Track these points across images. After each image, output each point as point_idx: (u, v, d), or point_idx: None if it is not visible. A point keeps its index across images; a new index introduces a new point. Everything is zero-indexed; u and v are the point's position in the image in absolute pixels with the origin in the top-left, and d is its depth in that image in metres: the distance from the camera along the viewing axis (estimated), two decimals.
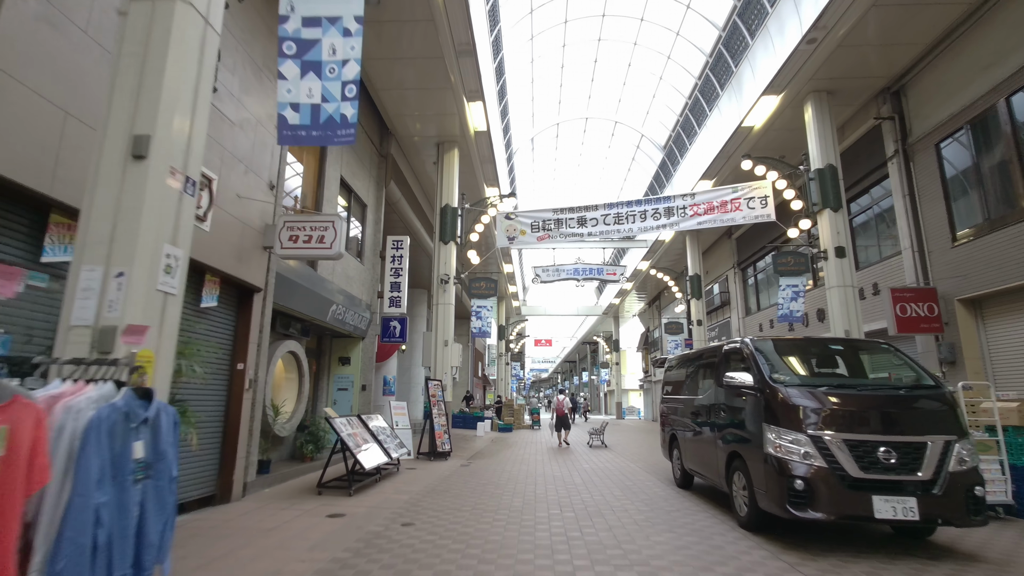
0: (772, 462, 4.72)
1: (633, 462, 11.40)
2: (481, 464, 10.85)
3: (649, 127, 19.58)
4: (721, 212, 11.51)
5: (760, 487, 4.90)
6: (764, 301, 18.38)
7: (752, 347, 5.59)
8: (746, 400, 5.37)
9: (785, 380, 5.12)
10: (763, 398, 5.04)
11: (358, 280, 11.75)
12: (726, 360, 6.18)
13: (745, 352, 5.69)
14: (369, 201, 12.51)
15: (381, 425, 9.35)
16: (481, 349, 38.61)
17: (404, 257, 12.77)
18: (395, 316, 12.42)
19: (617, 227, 12.12)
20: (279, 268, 8.01)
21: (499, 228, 12.98)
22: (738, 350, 5.93)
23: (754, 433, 5.11)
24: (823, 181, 10.80)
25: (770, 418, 4.88)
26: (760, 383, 5.14)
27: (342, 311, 10.56)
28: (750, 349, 5.59)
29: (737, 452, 5.50)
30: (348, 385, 12.02)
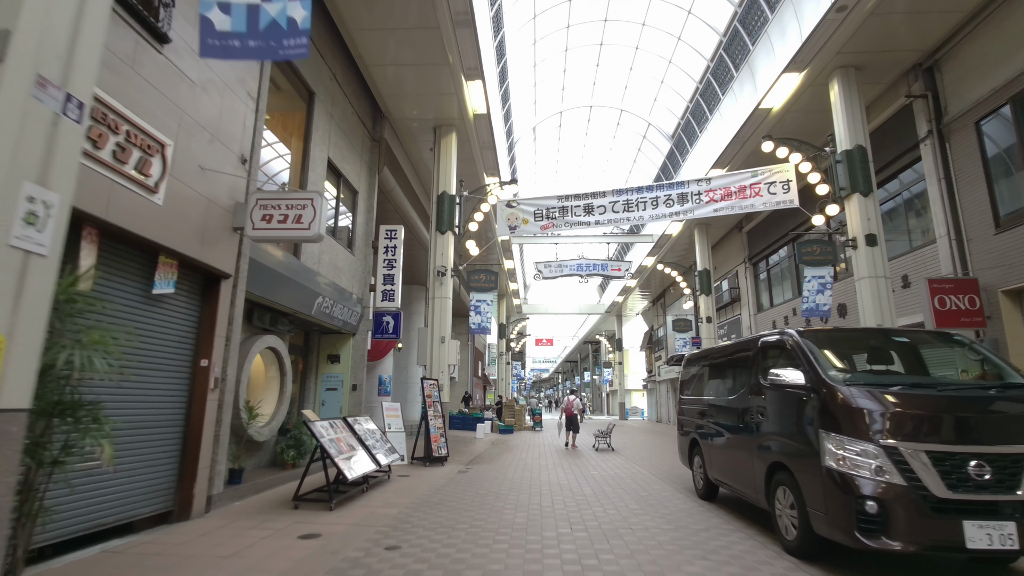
0: (834, 478, 3.87)
1: (645, 468, 10.55)
2: (480, 470, 10.01)
3: (657, 115, 18.73)
4: (739, 198, 10.66)
5: (816, 507, 4.05)
6: (778, 297, 17.53)
7: (800, 339, 4.74)
8: (794, 402, 4.53)
9: (846, 378, 4.27)
10: (818, 400, 4.19)
11: (348, 272, 10.91)
12: (763, 355, 5.33)
13: (790, 345, 4.84)
14: (360, 188, 11.67)
15: (370, 428, 8.50)
16: (481, 348, 37.77)
17: (398, 248, 11.93)
18: (388, 311, 11.59)
19: (626, 215, 11.28)
20: (256, 255, 7.17)
21: (499, 217, 12.13)
22: (780, 343, 5.08)
23: (806, 441, 4.26)
24: (851, 163, 9.95)
25: (829, 424, 4.03)
26: (814, 382, 4.29)
27: (330, 304, 9.72)
28: (798, 341, 4.74)
29: (781, 464, 4.65)
30: (338, 385, 11.18)
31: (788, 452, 4.54)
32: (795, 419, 4.49)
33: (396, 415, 10.82)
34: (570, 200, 11.68)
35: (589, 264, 23.19)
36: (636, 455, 13.10)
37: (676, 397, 29.80)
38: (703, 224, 19.61)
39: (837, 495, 3.83)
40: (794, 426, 4.49)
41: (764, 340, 5.36)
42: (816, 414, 4.17)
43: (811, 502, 4.12)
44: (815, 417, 4.17)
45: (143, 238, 4.88)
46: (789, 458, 4.50)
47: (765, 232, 17.85)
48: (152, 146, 4.95)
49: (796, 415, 4.49)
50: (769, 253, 17.85)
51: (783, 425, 4.70)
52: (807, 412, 4.31)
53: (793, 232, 12.65)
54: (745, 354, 5.81)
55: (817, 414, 4.16)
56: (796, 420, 4.47)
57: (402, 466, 10.10)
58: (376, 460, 7.58)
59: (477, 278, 12.18)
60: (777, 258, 17.39)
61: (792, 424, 4.55)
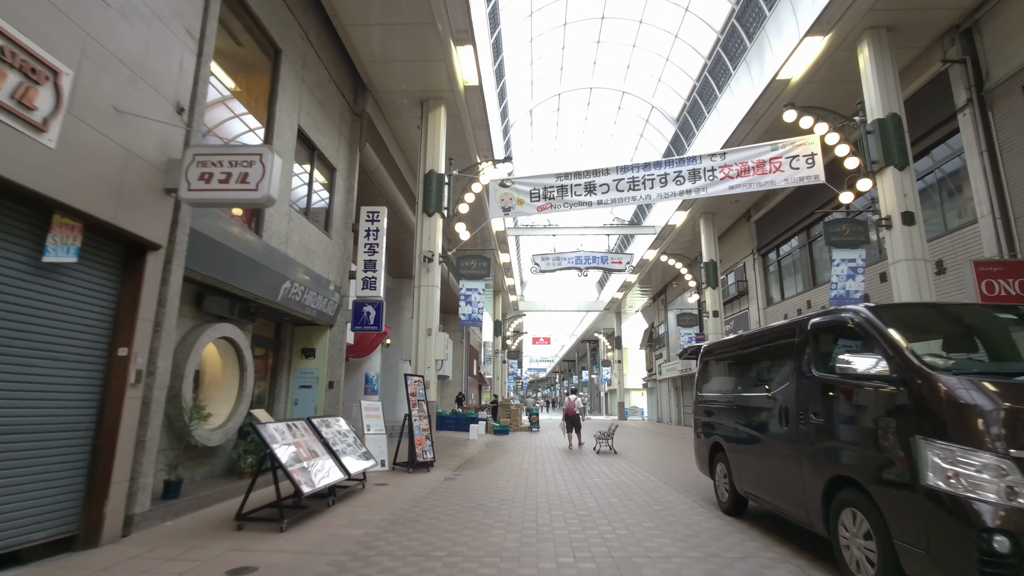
0: (941, 502, 2.81)
1: (652, 473, 9.49)
2: (470, 477, 8.93)
3: (661, 97, 17.67)
4: (758, 174, 9.60)
5: (910, 541, 2.99)
6: (790, 289, 16.50)
7: (872, 316, 3.67)
8: (869, 398, 3.46)
9: (950, 366, 3.21)
10: (910, 395, 3.13)
11: (323, 256, 9.81)
12: (813, 340, 4.27)
13: (857, 324, 3.77)
14: (339, 164, 10.57)
15: (341, 430, 7.42)
16: (476, 346, 36.68)
17: (381, 232, 10.84)
18: (369, 300, 10.49)
19: (632, 194, 10.21)
20: (204, 227, 6.09)
21: (492, 197, 11.06)
22: (837, 323, 4.01)
23: (890, 450, 3.20)
24: (885, 133, 8.91)
25: (930, 428, 2.96)
26: (903, 371, 3.22)
27: (300, 291, 8.63)
28: (870, 319, 3.67)
29: (847, 479, 3.59)
30: (312, 382, 10.09)
31: (859, 464, 3.48)
32: (871, 420, 3.42)
33: (376, 415, 9.73)
34: (569, 178, 10.61)
35: (588, 257, 22.12)
36: (641, 458, 12.04)
37: (678, 397, 28.78)
38: (709, 213, 18.59)
39: (947, 525, 2.77)
40: (870, 430, 3.43)
41: (816, 322, 4.29)
42: (909, 415, 3.11)
43: (900, 533, 3.06)
44: (908, 419, 3.11)
45: (23, 188, 3.78)
46: (862, 472, 3.43)
47: (775, 221, 16.82)
48: (38, 71, 3.85)
49: (872, 415, 3.42)
50: (780, 243, 16.82)
51: (851, 428, 3.63)
52: (891, 412, 3.25)
53: (819, 211, 11.54)
54: (787, 341, 4.75)
55: (911, 415, 3.09)
56: (873, 422, 3.40)
57: (382, 473, 9.01)
58: (345, 468, 6.49)
59: (467, 264, 11.09)
60: (789, 248, 16.36)
61: (866, 427, 3.48)
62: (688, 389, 26.96)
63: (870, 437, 3.42)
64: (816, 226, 14.73)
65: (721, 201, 17.70)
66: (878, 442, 3.32)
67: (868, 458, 3.40)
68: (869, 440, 3.43)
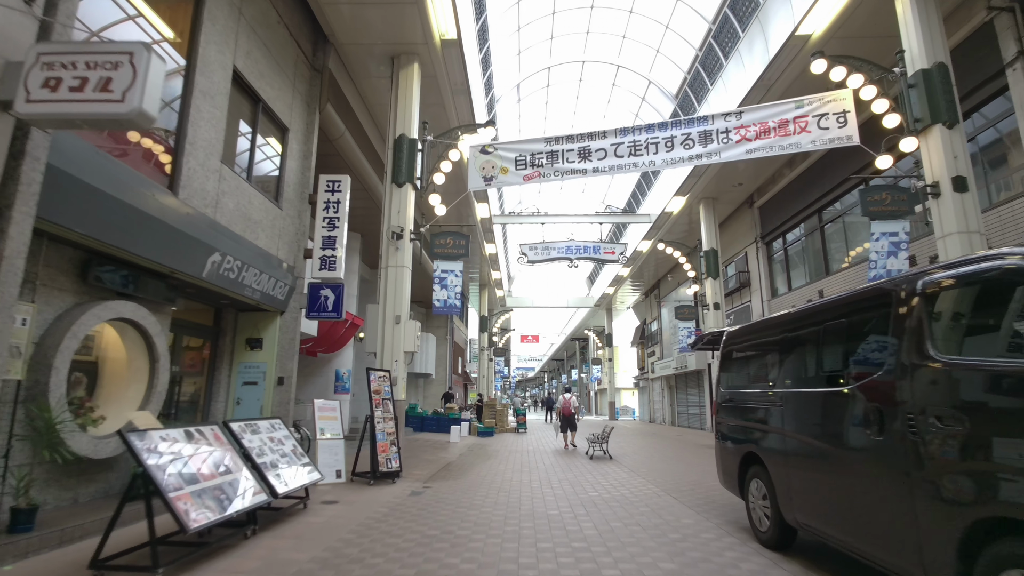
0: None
1: (657, 484, 8.11)
2: (442, 490, 7.48)
3: (659, 71, 16.33)
4: (780, 135, 8.25)
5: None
6: (798, 279, 15.23)
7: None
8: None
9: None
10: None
11: (270, 229, 8.30)
12: (928, 308, 2.87)
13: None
14: (293, 125, 9.06)
15: (276, 437, 5.93)
16: (462, 344, 35.18)
17: (343, 204, 9.33)
18: (327, 282, 8.99)
19: (633, 160, 8.82)
20: (88, 173, 4.60)
21: (472, 166, 9.61)
22: (997, 275, 2.61)
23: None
24: (930, 86, 7.60)
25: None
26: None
27: (236, 267, 7.12)
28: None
29: (1018, 524, 2.20)
30: (259, 377, 8.58)
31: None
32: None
33: (333, 417, 8.24)
34: (561, 143, 9.19)
35: (580, 247, 20.78)
36: (640, 465, 10.66)
37: (671, 396, 27.50)
38: (709, 198, 17.30)
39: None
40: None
41: (937, 279, 2.87)
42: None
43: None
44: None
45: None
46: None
47: (781, 206, 15.55)
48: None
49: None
50: (787, 229, 15.56)
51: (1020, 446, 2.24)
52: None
53: (856, 175, 10.13)
54: (874, 313, 3.36)
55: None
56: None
57: (336, 486, 7.53)
58: (270, 487, 5.01)
59: (443, 243, 9.63)
60: (799, 232, 15.09)
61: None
62: (683, 388, 25.69)
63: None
64: (829, 208, 13.49)
65: (722, 185, 16.43)
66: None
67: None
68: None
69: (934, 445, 2.65)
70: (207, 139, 6.61)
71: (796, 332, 4.33)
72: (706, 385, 22.14)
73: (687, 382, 25.02)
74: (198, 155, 6.45)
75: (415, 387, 26.93)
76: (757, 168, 15.44)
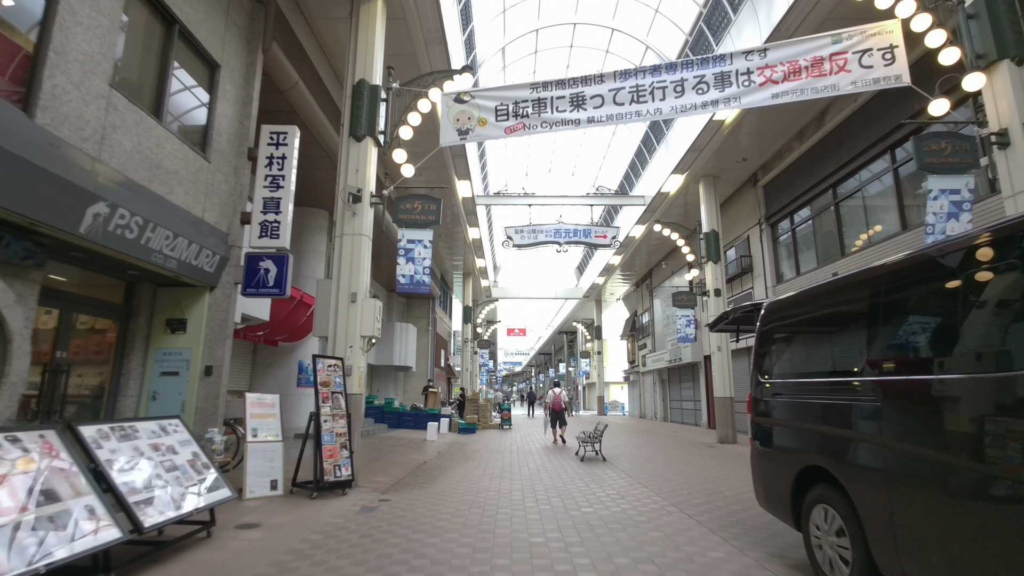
0: None
1: (661, 494, 6.73)
2: (401, 504, 6.03)
3: (657, 34, 14.89)
4: (814, 76, 6.86)
5: None
6: (807, 263, 13.96)
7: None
8: None
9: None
10: None
11: (192, 183, 6.74)
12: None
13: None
14: (227, 62, 7.49)
15: (168, 443, 4.43)
16: (445, 336, 33.66)
17: (289, 160, 7.80)
18: (268, 253, 7.46)
19: (636, 107, 7.38)
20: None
21: (445, 117, 8.12)
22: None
23: None
24: (994, 15, 6.25)
25: None
26: None
27: (136, 226, 5.59)
28: None
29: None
30: (181, 366, 7.04)
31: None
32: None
33: (270, 415, 6.73)
34: (550, 89, 7.72)
35: (569, 230, 19.37)
36: (639, 468, 9.29)
37: (663, 390, 26.23)
38: (710, 176, 15.95)
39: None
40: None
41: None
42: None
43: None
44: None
45: None
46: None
47: (789, 183, 14.26)
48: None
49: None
50: (795, 208, 14.26)
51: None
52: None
53: (909, 119, 8.65)
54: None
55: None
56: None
57: (269, 500, 6.05)
58: (133, 517, 3.52)
59: (409, 207, 8.12)
60: (808, 213, 13.79)
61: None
62: (676, 381, 24.46)
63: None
64: (846, 182, 12.19)
65: (724, 161, 15.10)
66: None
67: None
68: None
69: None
70: (85, 52, 5.04)
71: (907, 290, 2.92)
72: (702, 378, 20.91)
73: (681, 375, 23.79)
74: (70, 71, 4.89)
75: (394, 381, 25.40)
76: (762, 142, 14.13)
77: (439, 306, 30.02)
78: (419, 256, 7.99)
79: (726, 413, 14.35)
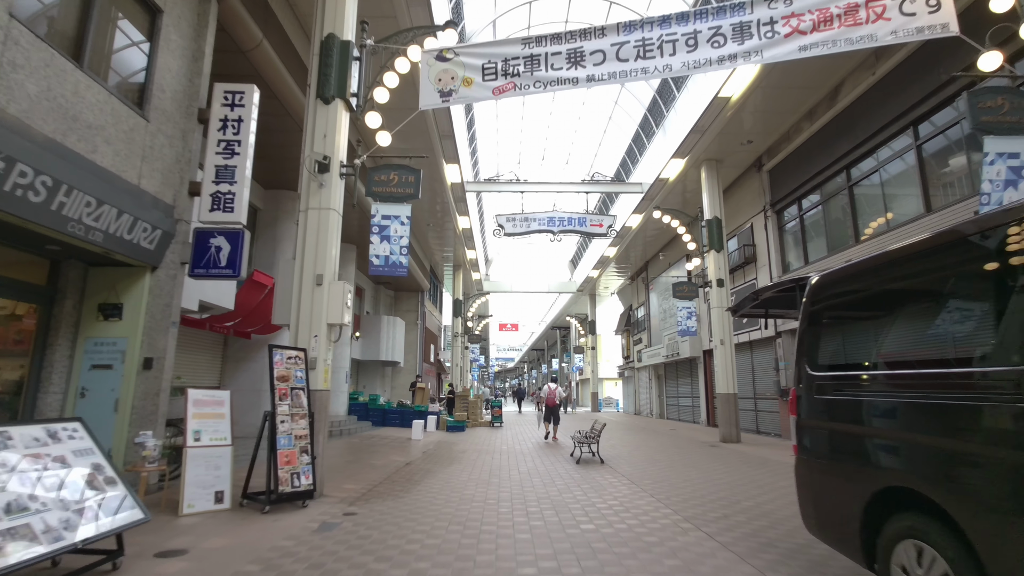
0: None
1: (671, 505, 5.86)
2: (370, 519, 5.11)
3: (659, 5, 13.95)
4: (848, 25, 5.98)
5: None
6: (816, 251, 13.14)
7: None
8: None
9: None
10: None
11: (124, 143, 5.75)
12: None
13: None
14: (171, 7, 6.49)
15: (56, 453, 3.48)
16: (435, 330, 32.69)
17: (246, 124, 6.82)
18: (221, 228, 6.49)
19: (642, 64, 6.46)
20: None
21: (425, 77, 7.16)
22: None
23: None
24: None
25: None
26: None
27: (44, 188, 4.62)
28: None
29: None
30: (115, 359, 6.08)
31: None
32: None
33: (216, 415, 5.76)
34: (544, 44, 6.78)
35: (563, 218, 18.44)
36: (642, 473, 8.41)
37: (659, 386, 25.38)
38: (712, 160, 15.08)
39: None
40: None
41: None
42: None
43: None
44: None
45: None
46: None
47: (799, 166, 13.41)
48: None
49: None
50: (803, 193, 13.42)
51: None
52: None
53: (957, 73, 7.69)
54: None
55: None
56: None
57: (212, 516, 5.11)
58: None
59: (384, 179, 7.16)
60: (818, 197, 12.96)
61: None
62: (673, 377, 23.67)
63: None
64: (861, 163, 11.35)
65: (728, 144, 14.24)
66: None
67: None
68: None
69: None
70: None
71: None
72: (700, 374, 20.12)
73: (678, 371, 23.00)
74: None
75: (381, 376, 24.43)
76: (769, 122, 13.27)
77: (428, 299, 29.04)
78: (395, 234, 7.04)
79: (729, 411, 13.52)
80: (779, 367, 14.10)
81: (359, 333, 20.76)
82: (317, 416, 6.27)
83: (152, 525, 4.62)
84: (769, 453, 10.95)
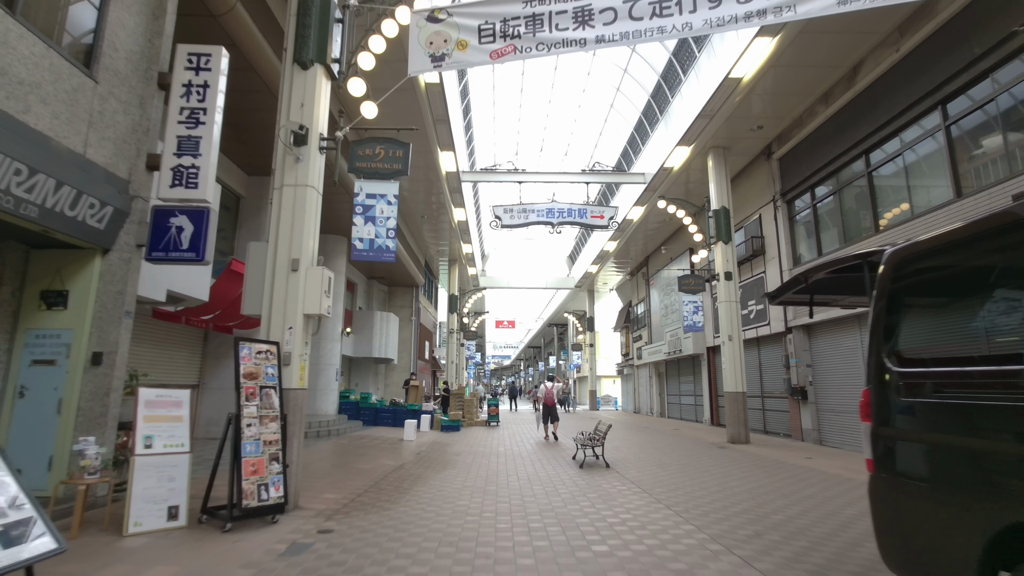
0: None
1: (694, 521, 5.17)
2: (346, 539, 4.39)
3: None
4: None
5: None
6: (830, 242, 12.47)
7: None
8: None
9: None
10: None
11: (65, 105, 5.00)
12: None
13: None
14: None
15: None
16: (431, 327, 31.95)
17: (212, 90, 6.06)
18: (183, 206, 5.76)
19: (657, 23, 5.74)
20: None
21: (415, 40, 6.42)
22: None
23: None
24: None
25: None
26: None
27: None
28: None
29: None
30: (59, 353, 5.34)
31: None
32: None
33: (172, 418, 5.01)
34: (548, 2, 6.05)
35: (563, 210, 17.73)
36: (654, 479, 7.72)
37: (660, 384, 24.70)
38: (720, 148, 14.39)
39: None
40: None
41: None
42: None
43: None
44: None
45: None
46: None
47: (811, 153, 12.74)
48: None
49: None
50: (817, 181, 12.74)
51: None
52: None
53: (1017, 28, 6.89)
54: None
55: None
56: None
57: (163, 535, 4.38)
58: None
59: (369, 153, 6.41)
60: (833, 186, 12.27)
61: None
62: (675, 375, 23.01)
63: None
64: (883, 147, 10.66)
65: (737, 129, 13.54)
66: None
67: None
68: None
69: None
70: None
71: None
72: (703, 371, 19.46)
73: (680, 368, 22.35)
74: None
75: (373, 374, 23.68)
76: (780, 106, 12.58)
77: (423, 295, 28.30)
78: (381, 215, 6.30)
79: (738, 410, 12.86)
80: (789, 364, 13.45)
81: (351, 329, 20.01)
82: (291, 418, 5.55)
83: (87, 550, 3.90)
84: (782, 455, 10.29)
